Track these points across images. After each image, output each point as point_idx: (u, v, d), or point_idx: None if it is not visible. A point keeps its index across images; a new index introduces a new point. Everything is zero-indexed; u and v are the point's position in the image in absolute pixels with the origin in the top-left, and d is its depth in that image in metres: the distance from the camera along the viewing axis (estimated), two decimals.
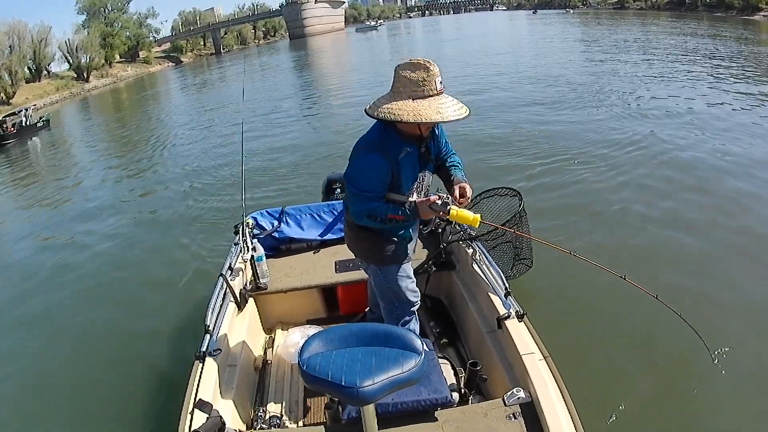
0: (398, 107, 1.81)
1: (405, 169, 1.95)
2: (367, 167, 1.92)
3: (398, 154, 1.92)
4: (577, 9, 63.39)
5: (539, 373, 1.87)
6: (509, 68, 15.52)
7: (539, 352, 1.98)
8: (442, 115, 1.79)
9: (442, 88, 1.83)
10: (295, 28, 74.22)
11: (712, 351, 2.75)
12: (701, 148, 6.40)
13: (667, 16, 38.16)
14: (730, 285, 3.50)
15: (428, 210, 1.90)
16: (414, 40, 43.78)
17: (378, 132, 1.95)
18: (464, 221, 1.92)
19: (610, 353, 2.98)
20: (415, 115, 1.78)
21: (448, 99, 1.84)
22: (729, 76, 11.22)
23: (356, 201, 1.96)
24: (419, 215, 1.93)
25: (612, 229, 4.54)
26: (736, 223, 4.38)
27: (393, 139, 1.93)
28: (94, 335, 3.93)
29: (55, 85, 36.43)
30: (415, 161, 1.99)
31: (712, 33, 22.55)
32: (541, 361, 1.94)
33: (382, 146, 1.91)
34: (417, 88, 1.80)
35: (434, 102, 1.80)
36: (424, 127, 1.90)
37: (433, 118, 1.78)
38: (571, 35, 27.69)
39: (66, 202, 8.24)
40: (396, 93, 1.85)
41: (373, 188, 1.92)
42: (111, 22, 49.72)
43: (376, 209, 1.93)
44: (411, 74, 1.81)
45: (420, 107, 1.79)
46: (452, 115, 1.81)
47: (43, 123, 18.77)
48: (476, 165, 6.36)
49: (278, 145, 9.49)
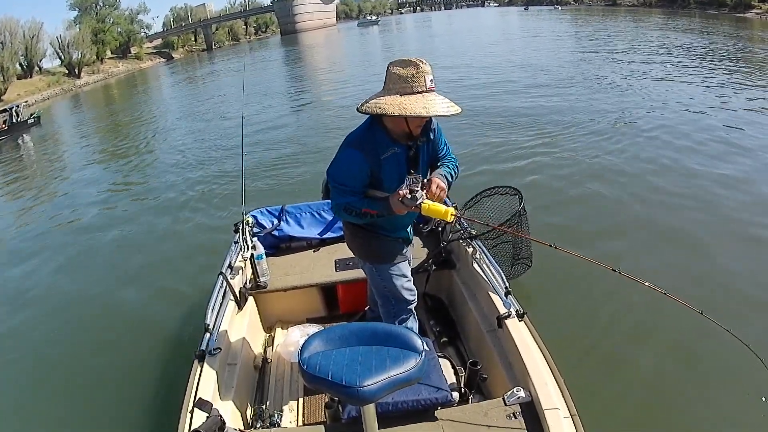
0: (385, 101, 1.81)
1: (388, 169, 1.95)
2: (345, 162, 1.94)
3: (382, 153, 1.92)
4: (568, 5, 63.13)
5: (539, 373, 1.87)
6: (510, 70, 15.36)
7: (539, 352, 1.98)
8: (428, 109, 1.79)
9: (432, 86, 1.83)
10: (287, 24, 73.83)
11: (714, 350, 2.76)
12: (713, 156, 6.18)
13: (659, 13, 38.03)
14: (727, 270, 3.61)
15: (400, 204, 1.89)
16: (407, 37, 43.42)
17: (364, 129, 1.96)
18: (437, 215, 1.90)
19: (610, 353, 2.99)
20: (400, 109, 1.78)
21: (438, 97, 1.84)
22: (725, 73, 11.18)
23: (334, 194, 1.99)
24: (392, 210, 1.92)
25: (599, 218, 4.63)
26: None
27: (379, 137, 1.93)
28: (93, 334, 3.92)
29: (46, 81, 35.99)
30: (402, 162, 1.98)
31: (703, 30, 22.58)
32: (542, 360, 1.94)
33: (365, 143, 1.92)
34: (406, 84, 1.81)
35: (422, 98, 1.80)
36: (412, 124, 1.89)
37: (417, 112, 1.78)
38: (570, 32, 27.63)
39: (58, 200, 8.16)
40: (386, 89, 1.86)
41: (349, 183, 1.94)
42: (102, 18, 49.26)
43: (352, 203, 1.95)
44: (401, 71, 1.82)
45: (406, 102, 1.79)
46: (440, 110, 1.81)
47: (34, 119, 18.55)
48: (478, 164, 6.36)
49: (278, 143, 9.44)
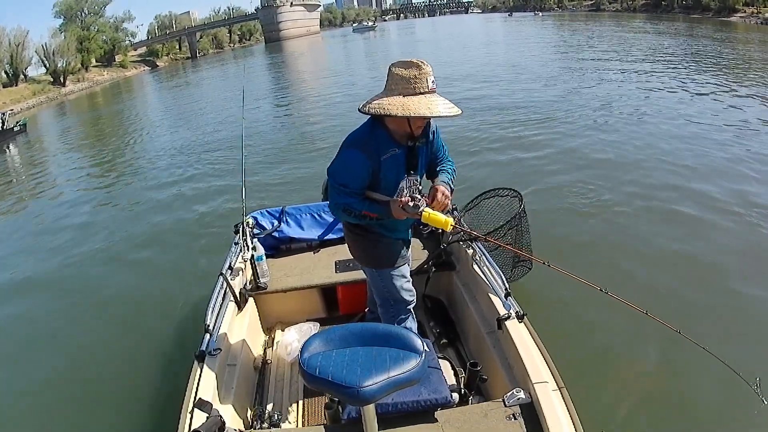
0: (388, 102, 1.83)
1: (387, 171, 1.96)
2: (347, 162, 1.94)
3: (383, 154, 1.93)
4: (551, 11, 63.41)
5: (539, 374, 1.87)
6: (497, 71, 15.40)
7: (539, 353, 1.98)
8: (431, 110, 1.81)
9: (434, 87, 1.85)
10: (271, 32, 73.79)
11: (709, 351, 2.75)
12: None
13: (643, 18, 38.00)
14: (722, 292, 3.49)
15: (400, 210, 1.90)
16: (392, 42, 43.50)
17: (366, 129, 1.97)
18: (436, 224, 1.92)
19: (610, 354, 2.98)
20: (403, 109, 1.80)
21: (440, 98, 1.86)
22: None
23: (334, 194, 1.99)
24: (392, 215, 1.94)
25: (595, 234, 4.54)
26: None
27: (381, 138, 1.94)
28: (93, 334, 3.92)
29: (32, 89, 36.01)
30: (401, 164, 1.99)
31: (687, 33, 22.58)
32: (541, 361, 1.94)
33: (367, 144, 1.92)
34: (408, 85, 1.82)
35: (424, 99, 1.82)
36: (414, 125, 1.91)
37: (421, 112, 1.80)
38: (554, 37, 27.57)
39: (50, 204, 8.15)
40: (388, 90, 1.87)
41: (350, 183, 1.94)
42: (87, 26, 49.32)
43: (352, 204, 1.95)
44: (403, 72, 1.84)
45: (409, 102, 1.81)
46: (442, 111, 1.83)
47: (19, 127, 18.52)
48: (481, 166, 6.37)
49: (277, 145, 9.47)
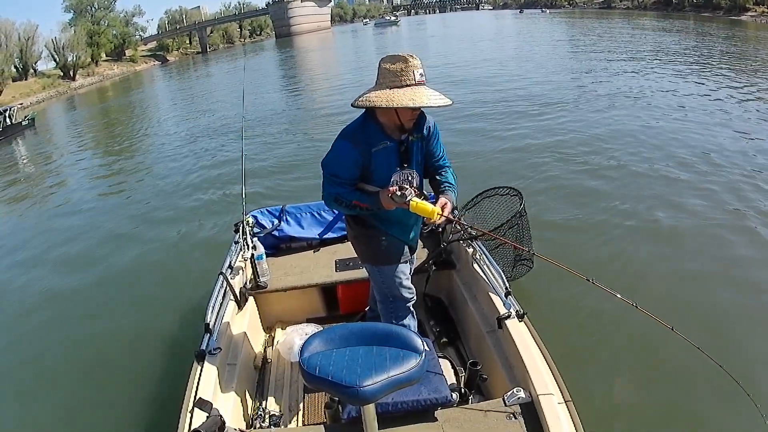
0: (375, 95, 1.88)
1: (379, 163, 2.00)
2: (337, 153, 2.00)
3: (373, 146, 1.97)
4: (561, 9, 63.48)
5: (539, 373, 1.87)
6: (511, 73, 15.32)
7: (539, 352, 1.98)
8: (415, 101, 1.85)
9: (422, 79, 1.89)
10: (282, 27, 74.02)
11: (709, 351, 2.75)
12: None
13: (653, 16, 37.93)
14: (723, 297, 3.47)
15: (389, 200, 1.96)
16: (404, 38, 43.29)
17: (358, 123, 2.02)
18: (423, 213, 1.99)
19: (610, 353, 2.98)
20: (388, 101, 1.85)
21: (428, 90, 1.89)
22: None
23: (326, 184, 2.03)
24: (381, 205, 1.99)
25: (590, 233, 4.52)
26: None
27: (372, 130, 1.99)
28: (93, 333, 3.92)
29: (41, 83, 36.00)
30: (393, 157, 2.03)
31: (698, 32, 22.48)
32: (542, 361, 1.94)
33: (358, 136, 1.98)
34: (395, 78, 1.87)
35: (410, 91, 1.87)
36: (403, 117, 1.95)
37: (405, 103, 1.85)
38: (565, 35, 27.51)
39: (54, 201, 8.14)
40: (378, 84, 1.93)
41: (341, 173, 1.99)
42: (97, 20, 49.28)
43: (342, 194, 2.00)
44: (391, 66, 1.88)
45: (394, 95, 1.86)
46: (427, 101, 1.86)
47: (28, 122, 18.48)
48: (479, 163, 6.36)
49: (278, 143, 9.45)
